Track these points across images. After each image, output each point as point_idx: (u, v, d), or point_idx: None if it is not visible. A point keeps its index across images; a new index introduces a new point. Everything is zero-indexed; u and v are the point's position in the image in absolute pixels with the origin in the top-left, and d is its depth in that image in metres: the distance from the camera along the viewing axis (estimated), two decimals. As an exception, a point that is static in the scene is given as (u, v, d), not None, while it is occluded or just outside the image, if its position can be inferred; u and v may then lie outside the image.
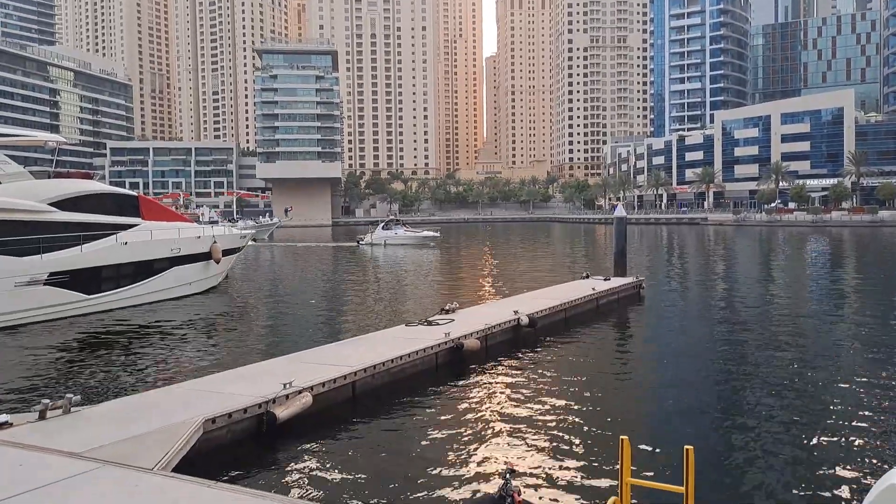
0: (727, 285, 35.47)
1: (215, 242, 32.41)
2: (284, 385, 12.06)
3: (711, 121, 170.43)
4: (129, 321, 24.18)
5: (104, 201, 27.21)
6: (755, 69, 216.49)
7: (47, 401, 10.95)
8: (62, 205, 25.01)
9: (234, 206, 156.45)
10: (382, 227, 78.22)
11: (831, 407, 12.97)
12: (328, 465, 10.33)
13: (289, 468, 10.28)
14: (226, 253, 34.03)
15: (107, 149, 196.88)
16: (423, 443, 11.25)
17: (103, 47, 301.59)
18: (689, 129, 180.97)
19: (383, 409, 13.16)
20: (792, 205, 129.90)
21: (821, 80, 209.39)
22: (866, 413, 12.45)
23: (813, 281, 36.32)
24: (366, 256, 61.15)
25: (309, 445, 11.13)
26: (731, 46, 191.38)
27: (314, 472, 10.07)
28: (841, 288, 33.57)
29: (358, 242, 77.11)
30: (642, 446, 10.65)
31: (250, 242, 44.51)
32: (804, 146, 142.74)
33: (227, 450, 10.69)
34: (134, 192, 31.81)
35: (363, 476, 9.89)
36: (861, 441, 11.04)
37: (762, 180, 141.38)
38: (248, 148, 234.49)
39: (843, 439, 11.14)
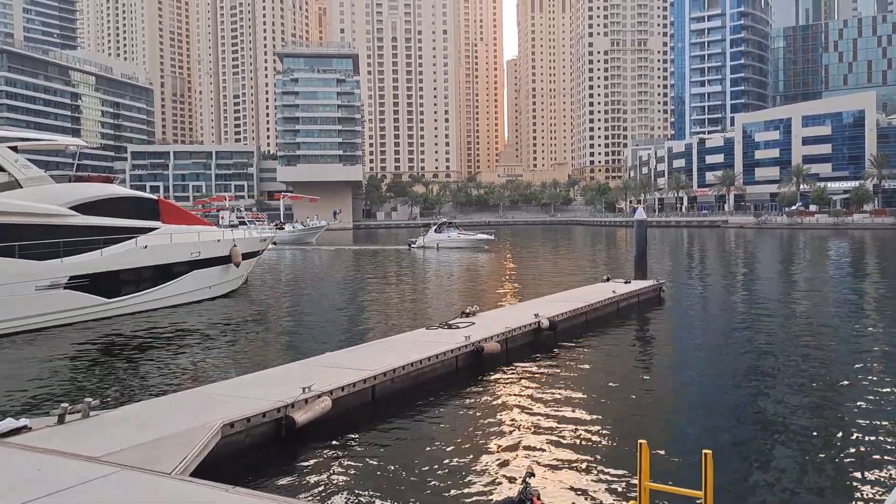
0: (748, 289, 35.05)
1: (235, 246, 32.48)
2: (303, 389, 11.99)
3: (732, 123, 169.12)
4: (149, 325, 24.25)
5: (124, 205, 27.37)
6: (776, 72, 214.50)
7: (66, 405, 10.95)
8: (82, 208, 25.18)
9: (256, 209, 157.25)
10: (435, 230, 76.82)
11: (852, 413, 12.78)
12: (347, 471, 10.25)
13: (307, 473, 10.20)
14: (246, 256, 34.10)
15: (127, 152, 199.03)
16: (443, 447, 11.15)
17: (125, 51, 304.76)
18: (709, 132, 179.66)
19: (403, 413, 13.06)
20: (813, 207, 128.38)
21: (842, 82, 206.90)
22: (887, 419, 12.26)
23: (834, 285, 35.75)
24: (416, 259, 60.17)
25: (328, 450, 11.05)
26: (751, 49, 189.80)
27: (333, 478, 9.99)
28: (863, 292, 33.04)
29: (409, 245, 75.63)
30: (661, 450, 10.62)
31: (270, 246, 44.51)
32: (825, 149, 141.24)
33: (245, 454, 10.63)
34: (154, 196, 31.99)
35: (382, 481, 9.81)
36: (882, 447, 10.91)
37: (783, 183, 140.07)
38: (268, 151, 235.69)
39: (864, 445, 11.02)
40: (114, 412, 11.47)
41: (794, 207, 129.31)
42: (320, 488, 9.62)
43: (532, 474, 7.67)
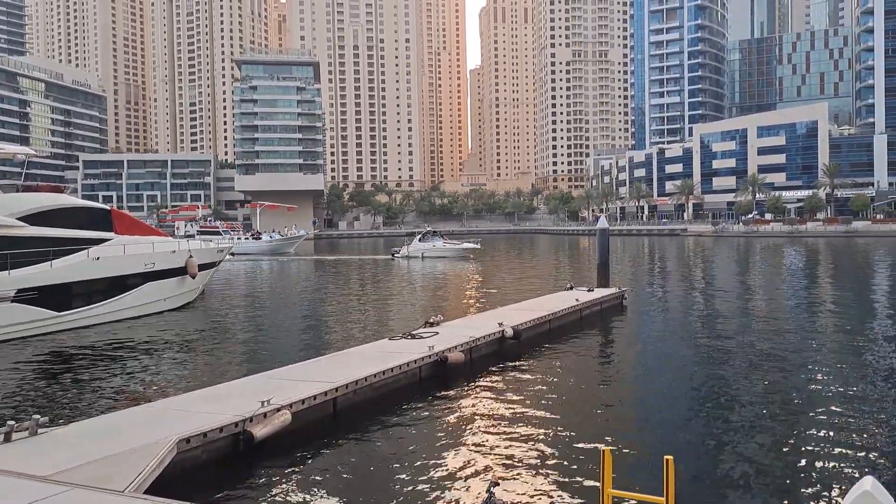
0: (707, 295, 35.57)
1: (191, 257, 31.79)
2: (262, 403, 11.71)
3: (690, 134, 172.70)
4: (101, 339, 23.55)
5: (75, 215, 26.59)
6: (732, 83, 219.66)
7: (13, 422, 10.56)
8: (31, 219, 24.41)
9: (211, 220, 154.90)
10: (419, 239, 75.52)
11: (809, 416, 13.07)
12: (307, 486, 10.03)
13: (266, 489, 9.95)
14: (202, 267, 33.42)
15: (79, 161, 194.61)
16: (407, 459, 11.02)
17: (76, 57, 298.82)
18: (668, 142, 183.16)
19: (365, 425, 12.86)
20: (769, 216, 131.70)
21: (796, 93, 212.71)
22: (842, 421, 12.60)
23: (790, 291, 36.53)
24: (400, 269, 58.76)
25: (288, 465, 10.80)
26: (708, 61, 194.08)
27: (293, 493, 9.77)
28: (817, 297, 33.75)
29: (393, 255, 73.92)
30: (624, 457, 10.75)
31: (228, 257, 43.73)
32: (780, 158, 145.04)
33: (202, 470, 10.33)
34: (106, 206, 31.21)
35: (344, 495, 9.63)
36: (837, 449, 11.20)
37: (740, 192, 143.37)
38: (226, 160, 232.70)
39: (823, 447, 11.29)
40: (63, 429, 11.08)
41: (750, 216, 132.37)
42: (280, 504, 9.35)
43: (496, 483, 7.73)
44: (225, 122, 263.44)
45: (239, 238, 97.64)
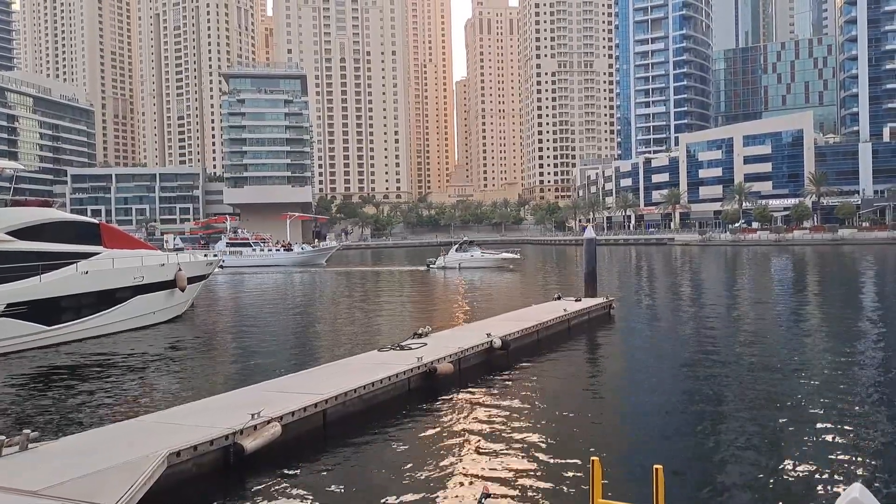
0: (695, 304, 35.77)
1: (180, 270, 31.76)
2: (252, 415, 11.75)
3: (676, 143, 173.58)
4: (90, 353, 23.48)
5: (64, 229, 26.54)
6: (717, 93, 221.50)
7: (2, 437, 10.51)
8: (20, 234, 24.35)
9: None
10: (456, 249, 73.63)
11: (797, 424, 13.14)
12: (298, 498, 10.06)
13: (257, 502, 9.97)
14: (191, 280, 33.37)
15: (67, 176, 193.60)
16: (397, 470, 11.04)
17: (64, 72, 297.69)
18: (654, 152, 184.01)
19: (355, 437, 12.90)
20: (755, 224, 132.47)
21: (781, 102, 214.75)
22: (830, 429, 12.67)
23: (777, 299, 36.76)
24: (435, 280, 57.57)
25: (278, 478, 10.83)
26: (693, 71, 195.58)
27: (284, 506, 9.75)
28: (804, 306, 34.03)
29: (428, 266, 71.98)
30: (613, 466, 10.75)
31: (212, 268, 43.65)
32: (766, 167, 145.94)
33: (192, 484, 10.36)
34: (95, 220, 31.13)
35: (334, 508, 9.60)
36: (826, 457, 11.24)
37: (726, 201, 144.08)
38: (214, 173, 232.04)
39: (811, 456, 11.34)
40: (54, 444, 11.06)
41: (737, 225, 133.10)
42: (271, 517, 9.38)
43: (488, 495, 7.64)
44: (213, 136, 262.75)
45: (270, 250, 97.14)
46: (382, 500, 9.82)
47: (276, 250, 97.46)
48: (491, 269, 69.52)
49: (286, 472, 11.07)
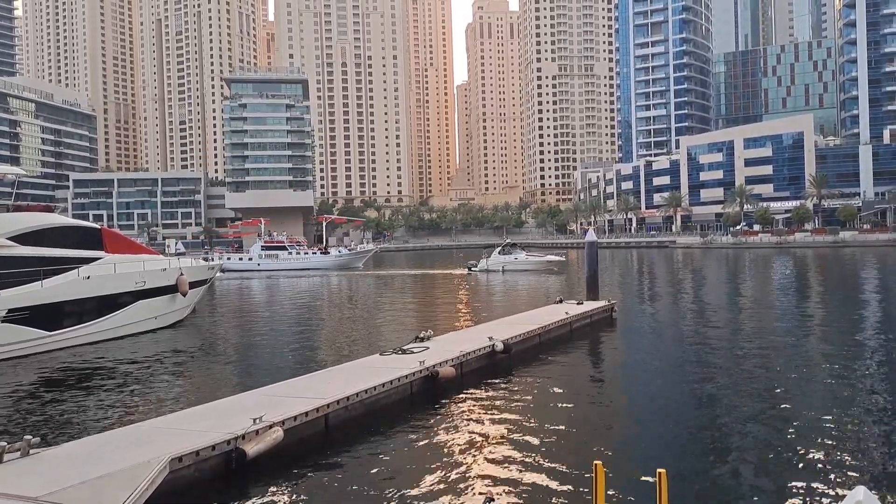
0: (697, 307, 35.72)
1: (182, 275, 31.75)
2: (254, 420, 11.74)
3: (677, 146, 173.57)
4: (92, 358, 23.46)
5: (66, 235, 26.55)
6: (718, 95, 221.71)
7: (4, 443, 10.51)
8: (21, 238, 24.36)
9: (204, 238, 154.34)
10: (499, 252, 72.02)
11: (800, 427, 13.10)
12: (301, 503, 10.03)
13: (259, 507, 9.92)
14: (193, 285, 33.36)
15: (69, 181, 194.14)
16: (399, 475, 11.02)
17: (66, 78, 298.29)
18: (655, 155, 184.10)
19: (357, 441, 12.88)
20: (757, 227, 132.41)
21: (781, 105, 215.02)
22: (834, 432, 12.63)
23: (779, 302, 36.73)
24: (478, 284, 56.18)
25: (280, 482, 10.82)
26: (693, 74, 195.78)
27: (286, 511, 9.73)
28: (807, 309, 33.98)
29: (469, 269, 70.38)
30: (616, 470, 10.69)
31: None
32: (767, 170, 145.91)
33: (194, 489, 10.35)
34: (97, 225, 31.13)
35: (337, 513, 9.58)
36: (829, 459, 11.21)
37: (727, 203, 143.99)
38: (216, 178, 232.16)
39: (813, 458, 11.31)
40: (55, 449, 11.07)
41: (738, 227, 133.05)
42: (273, 522, 9.36)
43: (491, 500, 7.58)
44: (215, 140, 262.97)
45: (307, 253, 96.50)
46: (385, 505, 9.76)
47: (313, 253, 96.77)
48: (536, 271, 67.74)
49: (288, 476, 11.05)
